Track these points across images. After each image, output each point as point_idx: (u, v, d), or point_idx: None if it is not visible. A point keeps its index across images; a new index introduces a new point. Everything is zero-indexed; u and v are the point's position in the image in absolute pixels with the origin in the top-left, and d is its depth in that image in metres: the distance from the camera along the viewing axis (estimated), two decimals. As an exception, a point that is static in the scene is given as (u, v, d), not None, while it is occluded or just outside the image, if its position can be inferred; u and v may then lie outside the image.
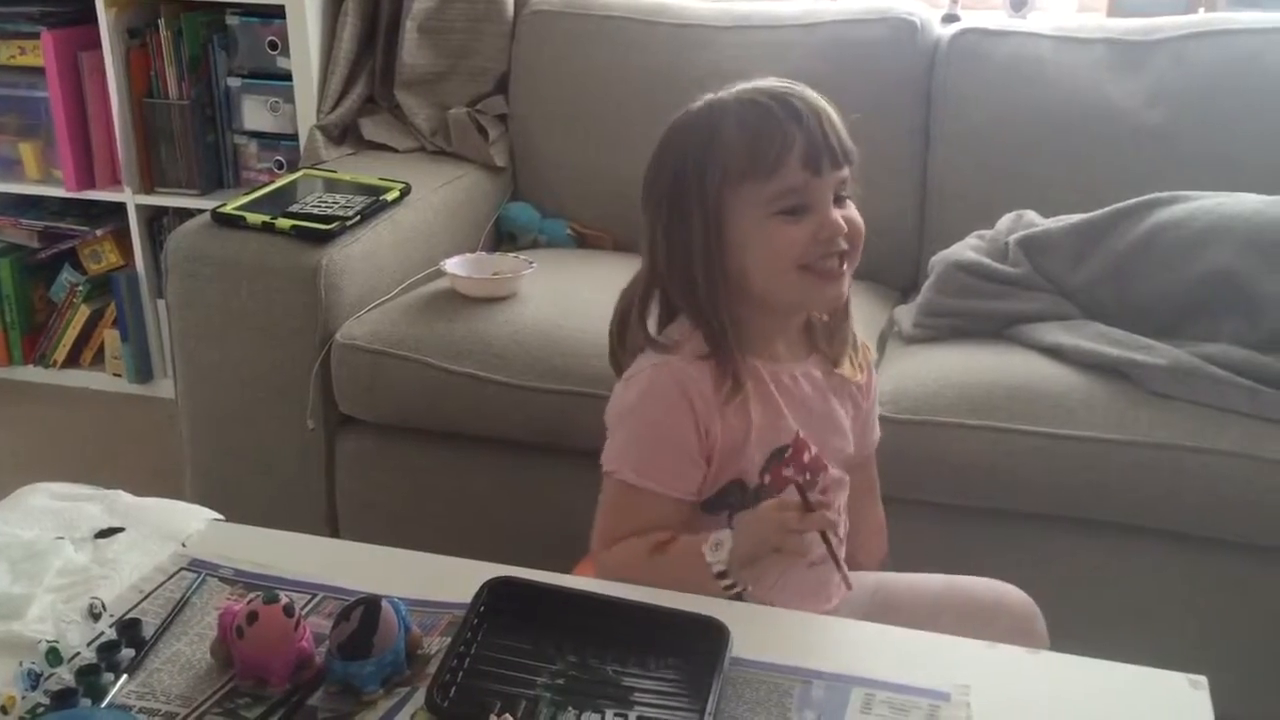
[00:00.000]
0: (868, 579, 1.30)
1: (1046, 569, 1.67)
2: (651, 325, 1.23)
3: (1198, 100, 2.03)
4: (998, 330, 1.78)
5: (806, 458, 1.16)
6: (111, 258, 2.81)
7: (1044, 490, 1.61)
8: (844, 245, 1.16)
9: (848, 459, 1.27)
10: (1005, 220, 1.92)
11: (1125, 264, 1.75)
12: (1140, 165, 2.01)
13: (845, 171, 1.17)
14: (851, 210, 1.18)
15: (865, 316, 1.98)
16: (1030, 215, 1.91)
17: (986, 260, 1.82)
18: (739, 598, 1.10)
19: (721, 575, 1.09)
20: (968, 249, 1.86)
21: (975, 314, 1.80)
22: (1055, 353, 1.69)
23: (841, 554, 1.25)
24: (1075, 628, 1.23)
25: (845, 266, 1.18)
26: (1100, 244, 1.78)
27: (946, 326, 1.81)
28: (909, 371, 1.72)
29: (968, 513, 1.67)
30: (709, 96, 1.20)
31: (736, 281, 1.17)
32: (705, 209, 1.15)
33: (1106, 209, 1.81)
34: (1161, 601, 1.64)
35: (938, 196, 2.16)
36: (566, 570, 1.16)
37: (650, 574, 1.08)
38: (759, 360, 1.20)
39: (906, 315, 1.89)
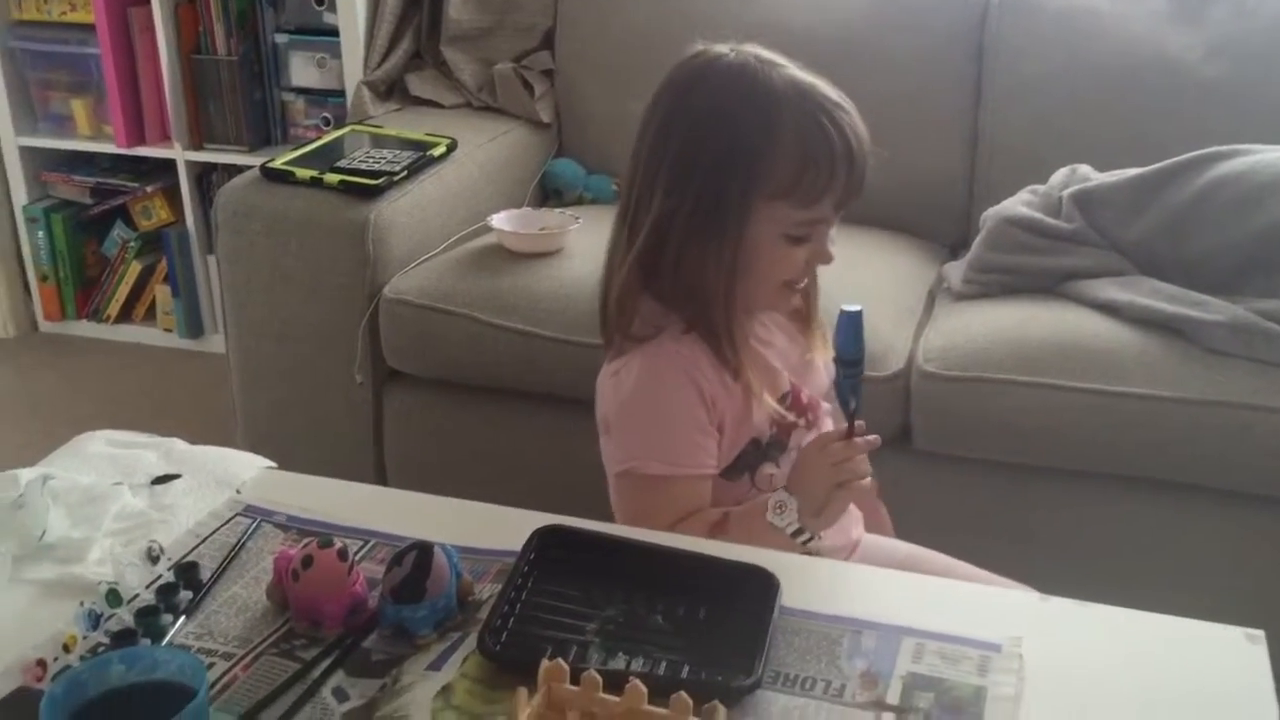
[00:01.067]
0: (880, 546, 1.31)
1: (1100, 526, 1.66)
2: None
3: (1258, 52, 1.98)
4: (1050, 287, 1.76)
5: (805, 398, 1.21)
6: (162, 214, 2.84)
7: (1097, 448, 1.60)
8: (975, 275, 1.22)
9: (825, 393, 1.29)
10: (1059, 175, 1.88)
11: (1182, 219, 1.72)
12: (1198, 119, 1.97)
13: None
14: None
15: (913, 273, 1.97)
16: (1084, 169, 1.88)
17: (1039, 215, 1.80)
18: (813, 548, 1.12)
19: (797, 534, 1.11)
20: (1020, 204, 1.83)
21: (1027, 270, 1.77)
22: (1109, 309, 1.67)
23: None
24: (1129, 585, 1.22)
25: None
26: (1156, 199, 1.75)
27: (997, 283, 1.79)
28: (959, 328, 1.71)
29: (1018, 470, 1.66)
30: (745, 62, 1.14)
31: (737, 280, 1.16)
32: (742, 212, 1.12)
33: (1163, 163, 1.77)
34: (1217, 558, 1.63)
35: (989, 151, 2.13)
36: (612, 522, 1.16)
37: None
38: (747, 315, 1.21)
39: (956, 271, 1.87)
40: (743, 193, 1.11)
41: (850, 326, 1.14)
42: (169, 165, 2.76)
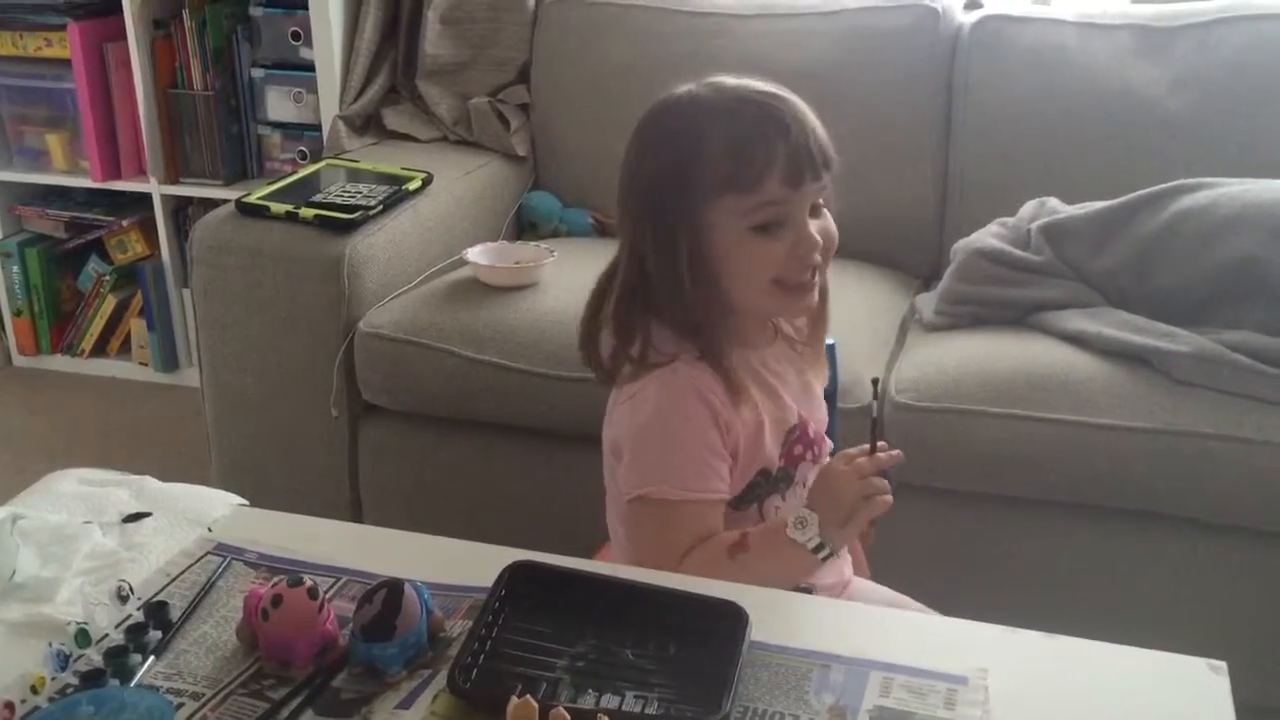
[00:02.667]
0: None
1: (1066, 556, 1.68)
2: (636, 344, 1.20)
3: (1222, 87, 2.02)
4: (1020, 318, 1.78)
5: (811, 431, 1.21)
6: (138, 248, 2.84)
7: (1065, 478, 1.61)
8: (818, 260, 1.15)
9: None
10: (1028, 207, 1.91)
11: (1148, 251, 1.75)
12: (1164, 152, 2.00)
13: (825, 181, 1.14)
14: (827, 220, 1.17)
15: (886, 304, 1.99)
16: (1053, 202, 1.90)
17: (1008, 247, 1.82)
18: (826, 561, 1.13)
19: (818, 549, 1.10)
20: (990, 236, 1.86)
21: (997, 301, 1.79)
22: (1078, 340, 1.69)
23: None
24: (1094, 614, 1.24)
25: (815, 277, 1.18)
26: (1123, 231, 1.77)
27: (968, 314, 1.81)
28: (930, 359, 1.72)
29: (988, 500, 1.67)
30: (690, 89, 1.17)
31: (718, 288, 1.16)
32: (690, 220, 1.13)
33: (1130, 196, 1.80)
34: (1182, 588, 1.64)
35: (959, 184, 2.16)
36: (587, 557, 1.17)
37: (737, 575, 1.05)
38: (746, 350, 1.20)
39: (928, 303, 1.89)
40: (685, 203, 1.13)
41: (826, 358, 1.16)
42: (145, 199, 2.77)
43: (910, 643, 0.93)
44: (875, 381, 1.18)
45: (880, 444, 1.13)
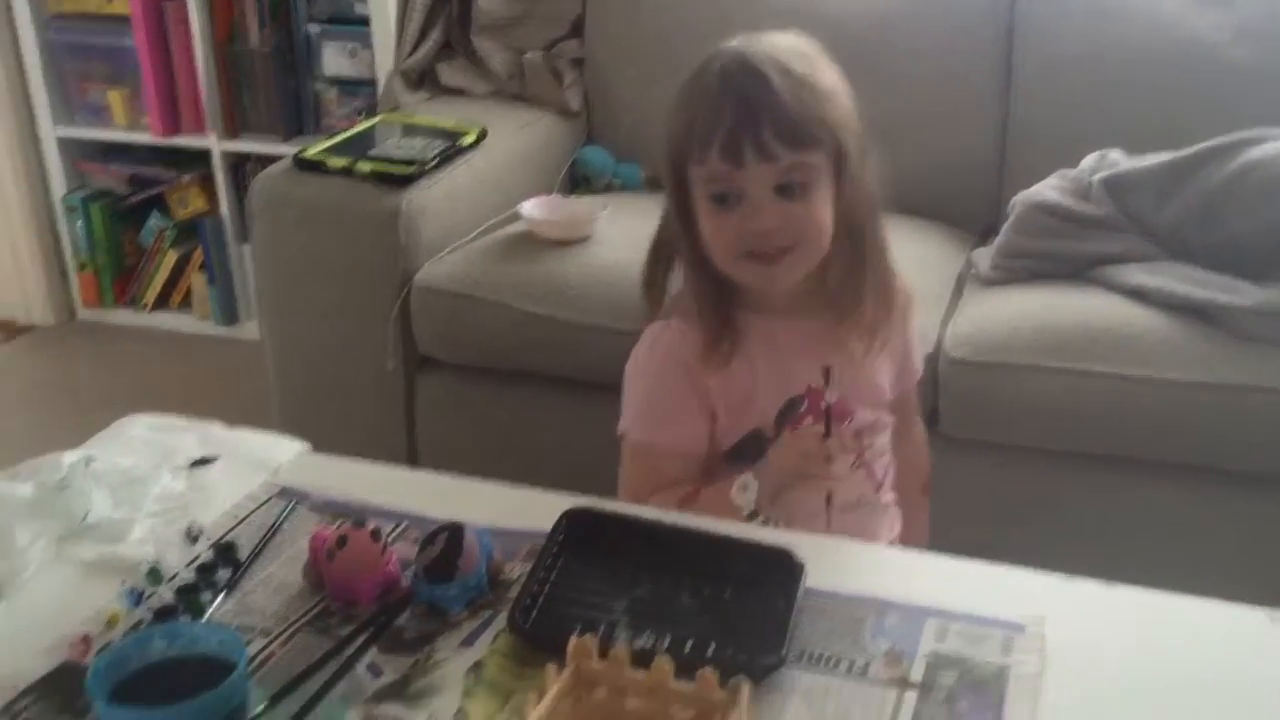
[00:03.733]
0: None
1: (1125, 511, 1.67)
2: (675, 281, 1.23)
3: (1287, 35, 1.97)
4: (1079, 272, 1.75)
5: (824, 405, 1.15)
6: (197, 203, 2.87)
7: (1124, 434, 1.60)
8: (780, 242, 1.11)
9: (885, 403, 1.25)
10: (1089, 159, 1.88)
11: (1212, 204, 1.71)
12: (1228, 103, 1.96)
13: (789, 160, 1.08)
14: (800, 204, 1.10)
15: (941, 259, 1.97)
16: (1114, 154, 1.87)
17: (1069, 200, 1.79)
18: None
19: (751, 516, 1.12)
20: (1049, 189, 1.83)
21: (1056, 255, 1.77)
22: (1138, 295, 1.66)
23: (887, 498, 1.26)
24: (1153, 569, 1.22)
25: (791, 255, 1.13)
26: (1187, 184, 1.74)
27: (1025, 268, 1.79)
28: (986, 313, 1.71)
29: (1045, 455, 1.66)
30: (717, 48, 1.14)
31: (700, 251, 1.15)
32: (673, 181, 1.14)
33: (1193, 148, 1.76)
34: (1243, 541, 1.63)
35: (1019, 136, 2.13)
36: (640, 508, 1.18)
37: None
38: (757, 315, 1.19)
39: (984, 257, 1.87)
40: (670, 164, 1.14)
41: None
42: (204, 155, 2.80)
43: (966, 591, 0.93)
44: (827, 370, 1.11)
45: (839, 429, 1.10)
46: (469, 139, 2.10)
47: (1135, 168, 1.80)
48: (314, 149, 2.02)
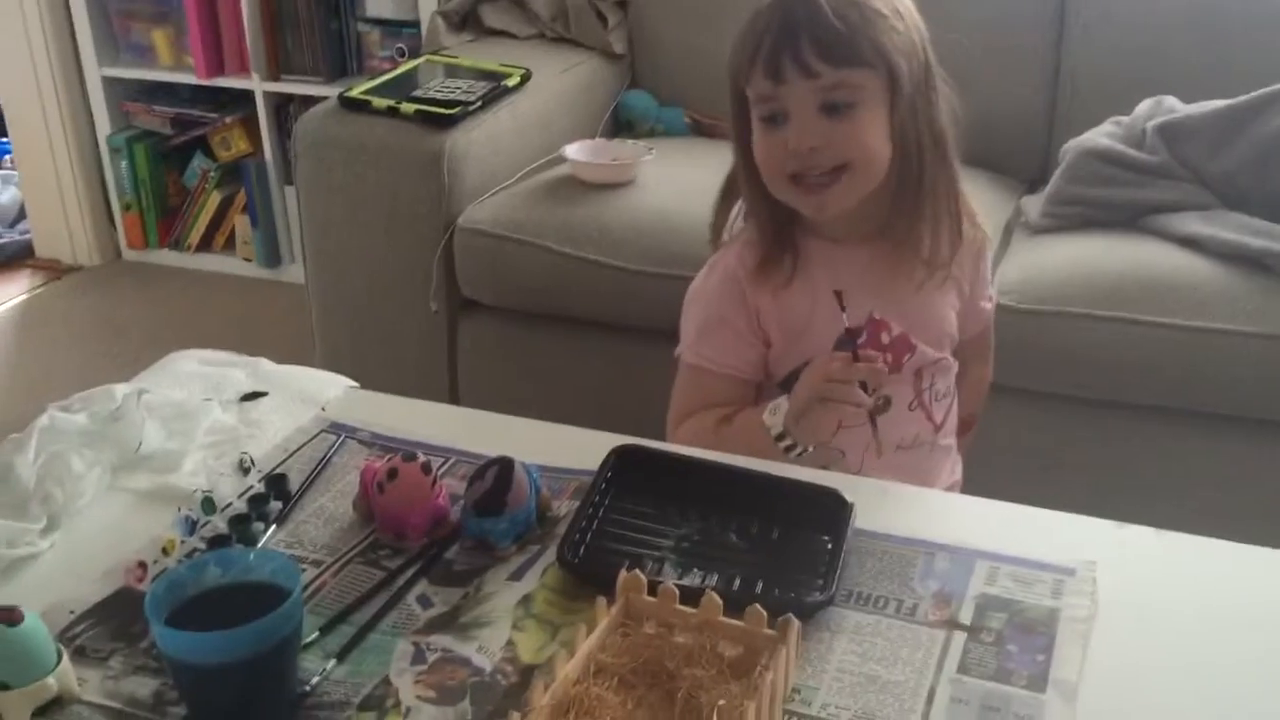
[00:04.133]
0: None
1: (1174, 463, 1.65)
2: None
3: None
4: (1131, 220, 1.73)
5: (886, 338, 1.16)
6: (240, 145, 2.88)
7: (1175, 384, 1.58)
8: (826, 163, 1.10)
9: (950, 343, 1.24)
10: (1144, 106, 1.84)
11: (1270, 152, 1.68)
12: (1287, 49, 1.91)
13: (831, 78, 1.08)
14: (846, 123, 1.09)
15: (989, 207, 1.93)
16: (1170, 101, 1.83)
17: (1122, 147, 1.76)
18: (801, 460, 1.12)
19: (780, 438, 1.12)
20: (1103, 135, 1.80)
21: (1108, 203, 1.74)
22: (1192, 243, 1.64)
23: (946, 441, 1.25)
24: (1203, 521, 1.21)
25: (839, 182, 1.12)
26: (1243, 131, 1.70)
27: (1076, 216, 1.76)
28: (1036, 261, 1.69)
29: (1093, 405, 1.65)
30: None
31: (757, 174, 1.16)
32: (734, 105, 1.15)
33: (1251, 95, 1.73)
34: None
35: (1071, 82, 2.09)
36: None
37: (718, 446, 1.09)
38: (818, 239, 1.19)
39: (1034, 205, 1.84)
40: (731, 87, 1.15)
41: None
42: (247, 96, 2.80)
43: (1016, 535, 0.92)
44: (838, 294, 1.11)
45: (866, 353, 1.10)
46: (513, 81, 2.08)
47: (1191, 114, 1.77)
48: (358, 89, 2.01)
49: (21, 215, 3.14)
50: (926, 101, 1.13)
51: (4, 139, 3.30)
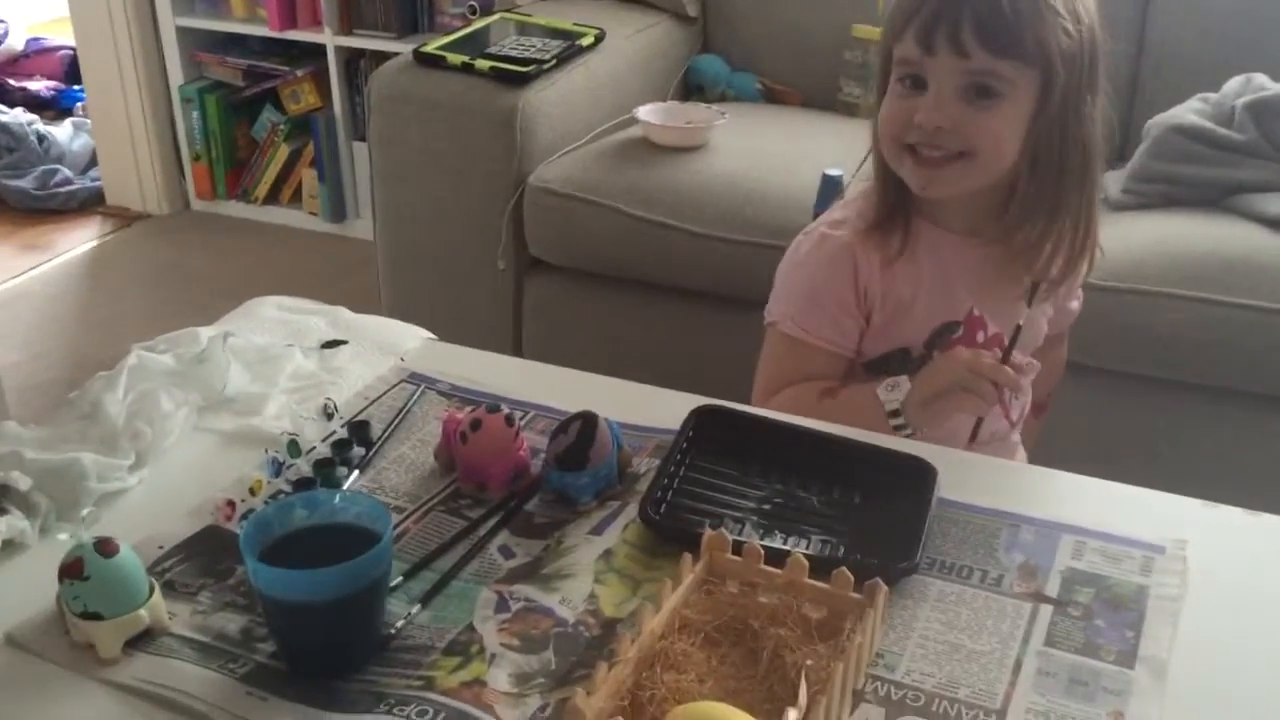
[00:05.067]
0: None
1: (1252, 447, 1.62)
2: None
3: None
4: (1216, 200, 1.69)
5: (981, 336, 1.14)
6: (310, 99, 2.89)
7: (1257, 366, 1.55)
8: (949, 145, 1.06)
9: (1035, 345, 1.22)
10: (1233, 83, 1.80)
11: (1365, 134, 1.64)
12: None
13: (983, 63, 1.03)
14: (983, 113, 1.05)
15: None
16: (1260, 78, 1.79)
17: (1209, 124, 1.72)
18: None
19: (894, 414, 1.10)
20: (1189, 112, 1.76)
21: (1192, 181, 1.71)
22: (1279, 225, 1.60)
23: (1015, 437, 1.25)
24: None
25: (953, 167, 1.08)
26: (1338, 111, 1.66)
27: (1159, 193, 1.73)
28: (1115, 237, 1.63)
29: (1170, 386, 1.62)
30: None
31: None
32: (883, 59, 1.12)
33: (1348, 73, 1.68)
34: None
35: (1156, 58, 2.04)
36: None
37: (820, 417, 1.07)
38: (930, 225, 1.16)
39: (1114, 181, 1.81)
40: (883, 41, 1.11)
41: (831, 190, 1.15)
42: (319, 50, 2.81)
43: (1105, 511, 0.91)
44: (1034, 286, 1.10)
45: (1019, 361, 1.09)
46: (587, 40, 2.08)
47: (1282, 93, 1.72)
48: (433, 44, 2.01)
49: (93, 162, 3.18)
50: (1079, 116, 1.07)
51: (78, 87, 3.34)
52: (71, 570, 0.76)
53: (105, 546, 0.77)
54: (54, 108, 3.54)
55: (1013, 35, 1.03)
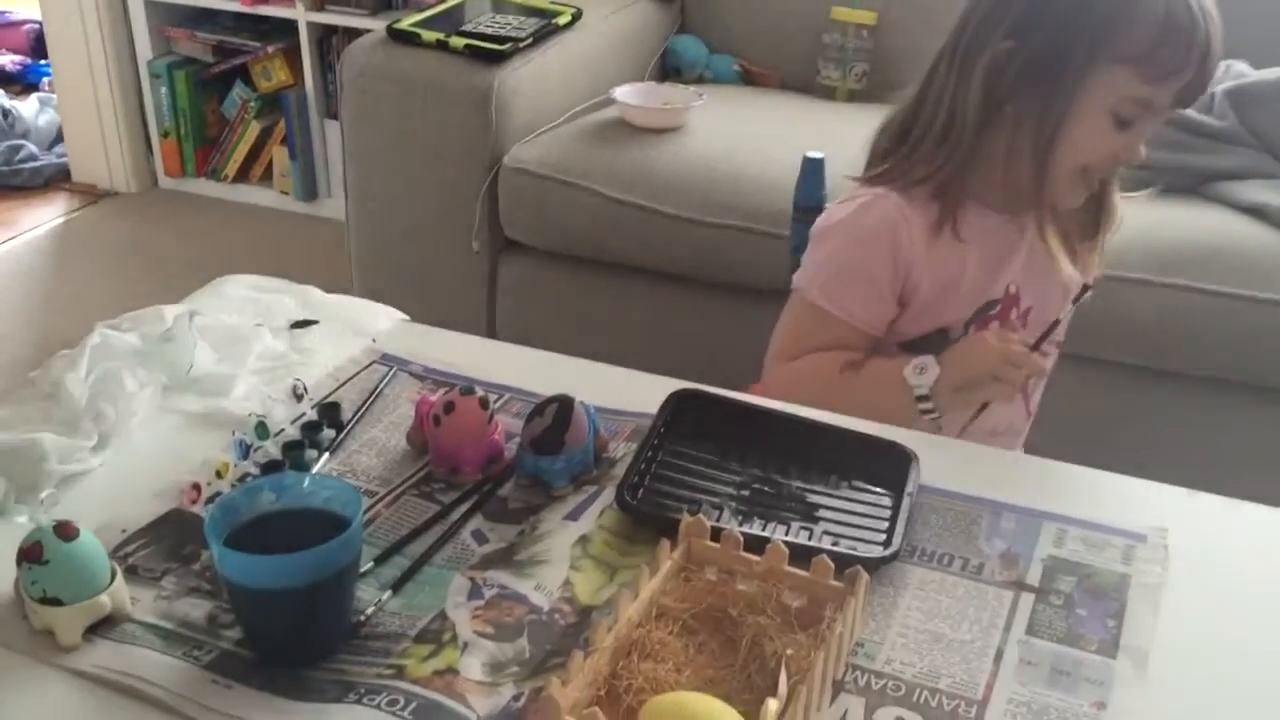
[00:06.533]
0: None
1: (1228, 434, 1.62)
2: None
3: None
4: (1194, 186, 1.69)
5: (1014, 314, 1.15)
6: (281, 75, 2.85)
7: (1232, 355, 1.55)
8: (1124, 171, 1.14)
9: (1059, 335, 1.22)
10: (1212, 70, 1.79)
11: (1343, 122, 1.64)
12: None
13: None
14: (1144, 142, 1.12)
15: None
16: (1239, 65, 1.79)
17: (1189, 111, 1.71)
18: (931, 426, 1.09)
19: (922, 399, 1.09)
20: (1169, 99, 1.75)
21: (1171, 168, 1.70)
22: (1257, 212, 1.61)
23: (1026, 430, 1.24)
24: (1262, 494, 1.19)
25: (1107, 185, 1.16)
26: (1317, 99, 1.66)
27: (1138, 180, 1.71)
28: (1094, 224, 1.65)
29: (1150, 374, 1.62)
30: None
31: (1039, 145, 1.09)
32: (1082, 66, 1.06)
33: (1327, 62, 1.68)
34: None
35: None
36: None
37: (839, 390, 1.07)
38: (976, 204, 1.15)
39: (1093, 168, 1.80)
40: (1091, 47, 1.06)
41: (813, 174, 1.16)
42: (290, 26, 2.76)
43: (1086, 498, 0.90)
44: (1085, 288, 1.12)
45: (1046, 347, 1.09)
46: (563, 19, 2.05)
47: (1261, 80, 1.73)
48: (407, 21, 1.98)
49: (59, 138, 3.12)
50: None
51: (44, 61, 3.28)
52: (30, 554, 0.74)
53: (65, 530, 0.74)
54: (20, 82, 3.47)
55: None
